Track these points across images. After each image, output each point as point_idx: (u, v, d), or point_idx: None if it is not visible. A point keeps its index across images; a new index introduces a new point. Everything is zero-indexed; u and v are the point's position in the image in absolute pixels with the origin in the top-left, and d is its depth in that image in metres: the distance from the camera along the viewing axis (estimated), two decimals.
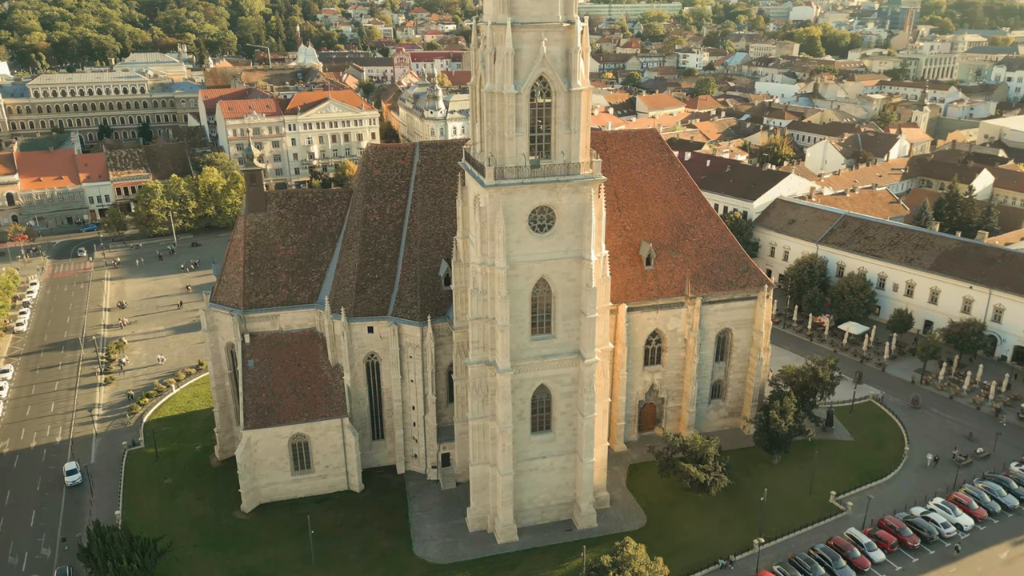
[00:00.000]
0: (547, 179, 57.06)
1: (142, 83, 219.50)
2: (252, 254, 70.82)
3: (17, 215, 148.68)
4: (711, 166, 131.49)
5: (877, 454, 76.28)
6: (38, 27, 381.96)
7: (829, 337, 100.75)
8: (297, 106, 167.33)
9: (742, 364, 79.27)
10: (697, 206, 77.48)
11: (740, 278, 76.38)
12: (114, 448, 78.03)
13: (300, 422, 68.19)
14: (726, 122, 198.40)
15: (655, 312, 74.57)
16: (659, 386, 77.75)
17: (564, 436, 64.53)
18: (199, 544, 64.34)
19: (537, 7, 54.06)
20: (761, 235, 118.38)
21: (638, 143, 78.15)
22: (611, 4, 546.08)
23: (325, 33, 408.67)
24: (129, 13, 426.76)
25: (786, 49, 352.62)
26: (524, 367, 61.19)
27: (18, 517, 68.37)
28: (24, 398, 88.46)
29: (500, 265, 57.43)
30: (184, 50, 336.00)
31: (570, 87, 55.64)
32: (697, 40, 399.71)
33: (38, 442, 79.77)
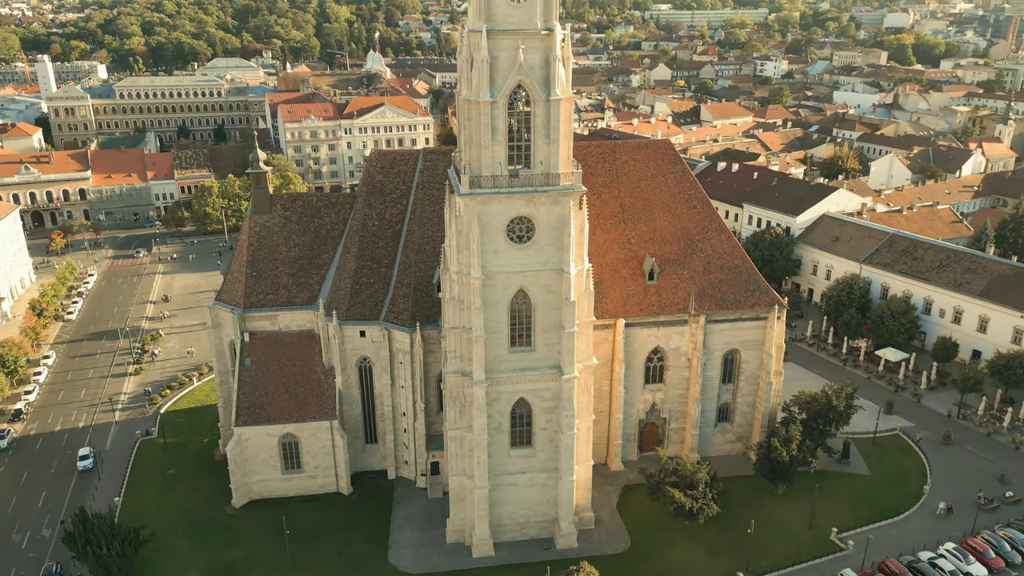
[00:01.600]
0: (524, 189, 55.97)
1: (218, 87, 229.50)
2: (255, 255, 72.49)
3: (88, 209, 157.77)
4: (758, 179, 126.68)
5: (894, 491, 71.26)
6: (139, 32, 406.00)
7: (864, 363, 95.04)
8: (353, 111, 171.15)
9: (751, 387, 75.64)
10: (708, 221, 74.52)
11: (749, 297, 72.94)
12: (129, 437, 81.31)
13: (290, 422, 69.24)
14: (792, 133, 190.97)
15: (656, 329, 72.05)
16: (661, 406, 75.06)
17: (545, 452, 63.07)
18: (186, 535, 66.19)
19: (515, 14, 53.11)
20: (803, 252, 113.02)
21: (649, 154, 75.86)
22: (694, 11, 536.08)
23: (404, 39, 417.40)
24: (224, 20, 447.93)
25: (872, 57, 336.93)
26: (502, 380, 60.16)
27: (29, 497, 72.07)
28: (59, 383, 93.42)
29: (475, 275, 56.67)
30: (268, 55, 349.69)
31: (549, 96, 54.38)
32: (779, 48, 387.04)
33: (62, 426, 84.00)
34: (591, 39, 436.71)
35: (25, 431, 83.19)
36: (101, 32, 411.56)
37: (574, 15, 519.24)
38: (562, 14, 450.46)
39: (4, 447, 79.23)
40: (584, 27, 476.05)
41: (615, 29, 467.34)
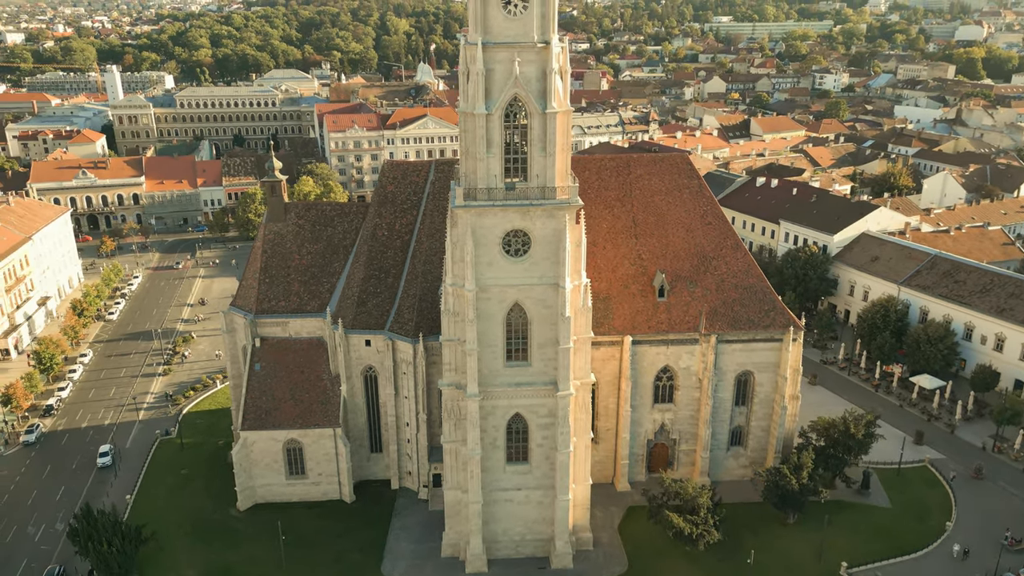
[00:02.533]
0: (518, 202, 55.47)
1: (273, 97, 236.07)
2: (268, 262, 73.82)
3: (140, 214, 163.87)
4: (797, 195, 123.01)
5: (914, 526, 67.70)
6: (207, 44, 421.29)
7: (898, 389, 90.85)
8: (396, 121, 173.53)
9: (765, 411, 73.07)
10: (723, 237, 72.54)
11: (764, 318, 70.56)
12: (150, 436, 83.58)
13: (294, 428, 70.04)
14: (844, 148, 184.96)
15: (665, 347, 70.35)
16: (670, 426, 73.15)
17: (541, 469, 62.12)
18: (189, 535, 67.52)
19: (511, 27, 52.86)
20: (840, 272, 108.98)
21: (665, 168, 74.42)
22: (755, 23, 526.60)
23: None
24: (288, 33, 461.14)
25: (939, 71, 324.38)
26: (497, 394, 59.59)
27: (48, 491, 74.69)
28: (92, 381, 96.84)
29: (469, 287, 56.37)
30: (327, 67, 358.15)
31: (545, 108, 53.84)
32: (841, 60, 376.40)
33: (89, 423, 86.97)
34: (647, 51, 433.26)
35: (54, 426, 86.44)
36: (172, 44, 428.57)
37: (632, 27, 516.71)
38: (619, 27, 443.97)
39: (32, 441, 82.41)
40: (641, 39, 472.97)
41: (672, 41, 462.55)
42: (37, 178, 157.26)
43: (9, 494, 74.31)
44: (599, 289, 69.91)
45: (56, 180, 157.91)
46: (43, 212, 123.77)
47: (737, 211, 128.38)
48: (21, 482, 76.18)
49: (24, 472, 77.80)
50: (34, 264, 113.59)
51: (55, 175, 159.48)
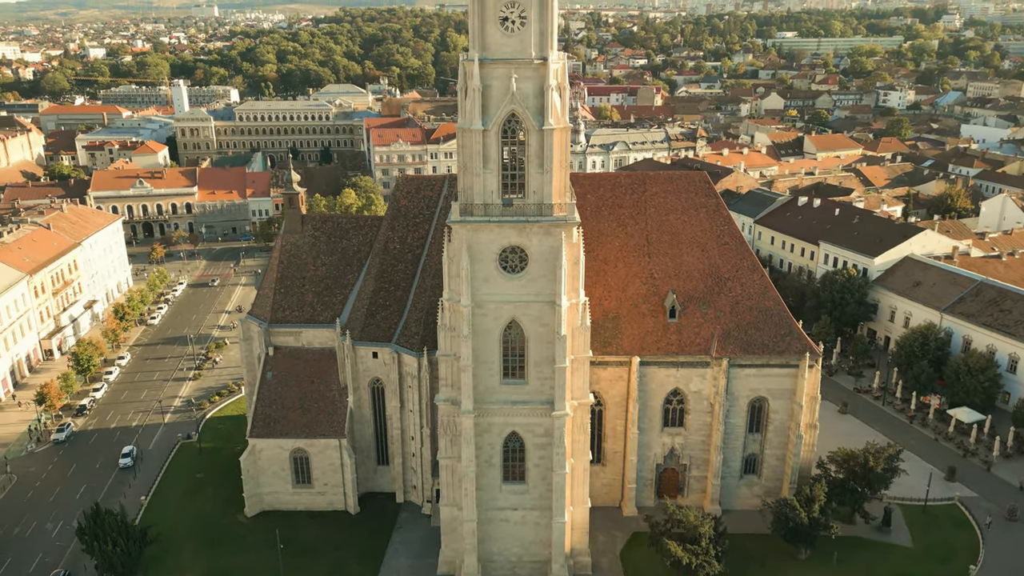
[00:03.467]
0: (514, 219, 55.05)
1: (327, 111, 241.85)
2: (284, 272, 75.14)
3: (192, 222, 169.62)
4: (839, 215, 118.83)
5: (935, 569, 63.98)
6: (273, 60, 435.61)
7: (934, 422, 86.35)
8: (440, 136, 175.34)
9: (780, 439, 70.31)
10: (740, 258, 70.44)
11: (779, 342, 68.09)
12: (172, 439, 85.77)
13: (301, 437, 70.84)
14: (901, 167, 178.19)
15: (675, 369, 68.55)
16: (680, 451, 71.11)
17: (538, 490, 61.15)
18: (195, 538, 68.83)
19: (509, 44, 52.65)
20: (881, 296, 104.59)
21: (682, 186, 72.85)
22: (820, 39, 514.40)
23: None
24: (351, 49, 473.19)
25: (1012, 89, 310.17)
26: (492, 411, 59.05)
27: (70, 489, 77.31)
28: (126, 384, 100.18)
29: (464, 303, 56.13)
30: (385, 82, 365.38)
31: (542, 125, 53.35)
32: (909, 77, 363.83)
33: (118, 424, 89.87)
34: (705, 67, 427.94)
35: (85, 426, 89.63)
36: (240, 60, 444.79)
37: (691, 43, 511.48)
38: (679, 42, 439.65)
39: (62, 440, 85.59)
40: (700, 55, 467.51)
41: (733, 57, 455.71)
42: (97, 186, 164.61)
43: (34, 490, 77.24)
44: (608, 308, 68.84)
45: (114, 189, 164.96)
46: (95, 219, 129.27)
47: (776, 231, 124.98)
48: (46, 479, 79.13)
49: (51, 470, 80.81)
50: (83, 269, 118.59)
51: (114, 184, 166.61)
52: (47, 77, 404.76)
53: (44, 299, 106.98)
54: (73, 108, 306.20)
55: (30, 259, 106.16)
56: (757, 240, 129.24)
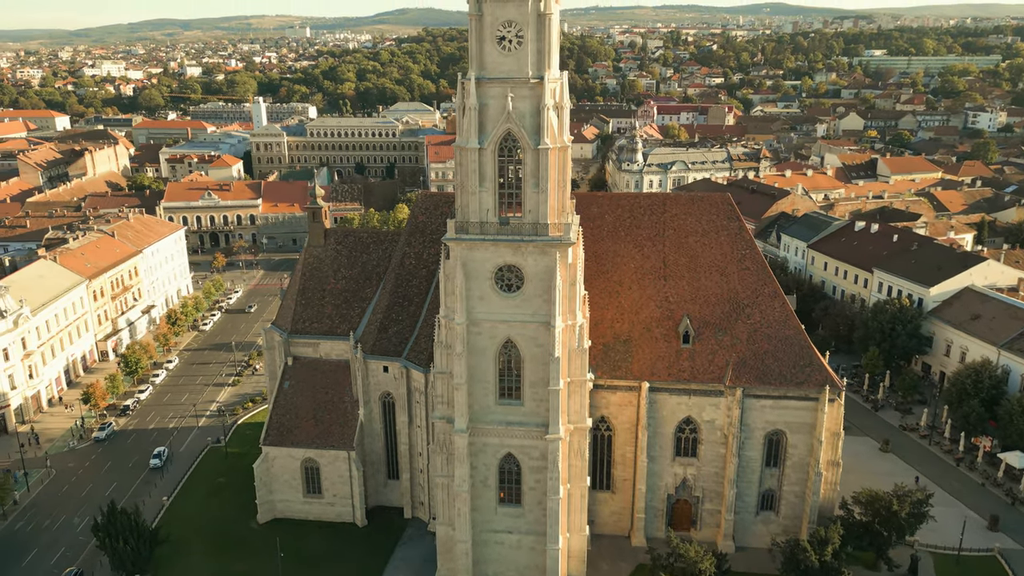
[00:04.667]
0: (509, 237, 54.62)
1: (394, 128, 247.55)
2: (305, 284, 76.80)
3: (255, 233, 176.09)
4: (897, 241, 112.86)
5: None
6: (353, 78, 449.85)
7: (983, 465, 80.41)
8: None
9: (799, 476, 66.80)
10: (760, 284, 67.69)
11: (797, 373, 64.88)
12: (202, 442, 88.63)
13: (312, 447, 71.92)
14: (980, 192, 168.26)
15: (687, 397, 66.24)
16: (693, 482, 68.52)
17: (534, 514, 60.12)
18: (206, 541, 70.59)
19: (506, 63, 52.59)
20: (936, 329, 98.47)
21: (703, 208, 70.69)
22: (910, 57, 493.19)
23: (589, 86, 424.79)
24: (428, 68, 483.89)
25: None
26: (487, 431, 58.54)
27: (101, 486, 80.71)
28: (170, 387, 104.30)
29: (458, 320, 55.98)
30: None
31: (537, 144, 52.90)
32: (1004, 98, 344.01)
33: (156, 426, 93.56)
34: (784, 86, 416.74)
35: (126, 426, 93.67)
36: (322, 78, 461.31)
37: (772, 61, 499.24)
38: (759, 60, 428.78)
39: (102, 438, 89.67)
40: (780, 74, 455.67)
41: (815, 76, 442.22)
42: (170, 197, 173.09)
43: (69, 485, 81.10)
44: (620, 331, 67.33)
45: (185, 200, 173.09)
46: (158, 228, 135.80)
47: (830, 256, 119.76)
48: (82, 475, 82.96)
49: (87, 466, 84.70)
50: (143, 275, 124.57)
51: (185, 195, 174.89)
52: (144, 93, 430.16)
53: (102, 303, 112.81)
54: (162, 123, 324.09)
55: (92, 264, 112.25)
56: (810, 265, 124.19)
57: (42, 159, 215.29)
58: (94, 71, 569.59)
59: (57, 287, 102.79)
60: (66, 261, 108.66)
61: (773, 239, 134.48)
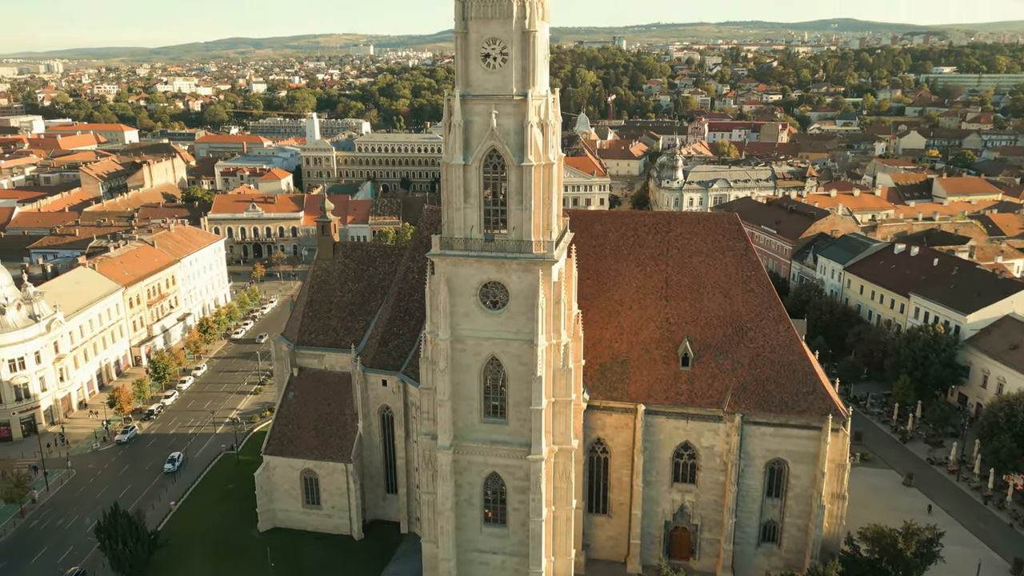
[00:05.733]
0: (493, 254, 54.29)
1: (438, 143, 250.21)
2: (313, 296, 77.91)
3: (296, 245, 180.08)
4: (938, 265, 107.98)
5: None
6: (408, 95, 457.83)
7: (1013, 505, 75.71)
8: None
9: (802, 508, 64.06)
10: (765, 307, 65.52)
11: (800, 401, 62.40)
12: (217, 449, 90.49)
13: (311, 458, 72.58)
14: None
15: (684, 421, 64.42)
16: (692, 510, 66.44)
17: (518, 535, 59.22)
18: (206, 547, 71.78)
19: (490, 80, 52.54)
20: (973, 358, 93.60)
21: (709, 228, 68.95)
22: (981, 75, 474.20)
23: (643, 103, 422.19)
24: None
25: None
26: (471, 449, 58.08)
27: (116, 488, 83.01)
28: (196, 393, 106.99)
29: (442, 336, 55.85)
30: None
31: (521, 161, 52.58)
32: None
33: (177, 431, 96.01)
34: (844, 103, 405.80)
35: (148, 430, 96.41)
36: (379, 94, 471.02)
37: (834, 78, 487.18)
38: (821, 77, 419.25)
39: (124, 441, 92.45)
40: (841, 91, 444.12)
41: (878, 93, 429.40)
42: (217, 209, 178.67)
43: (86, 486, 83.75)
44: (618, 351, 66.08)
45: (230, 212, 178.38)
46: (198, 239, 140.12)
47: (866, 279, 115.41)
48: (100, 477, 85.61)
49: (106, 468, 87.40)
50: (180, 284, 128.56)
51: (231, 207, 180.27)
52: (209, 109, 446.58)
53: (138, 310, 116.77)
54: (222, 137, 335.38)
55: (129, 272, 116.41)
56: (846, 288, 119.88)
57: (103, 171, 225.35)
58: (166, 87, 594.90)
59: (93, 293, 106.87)
60: (104, 269, 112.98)
61: (810, 260, 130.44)
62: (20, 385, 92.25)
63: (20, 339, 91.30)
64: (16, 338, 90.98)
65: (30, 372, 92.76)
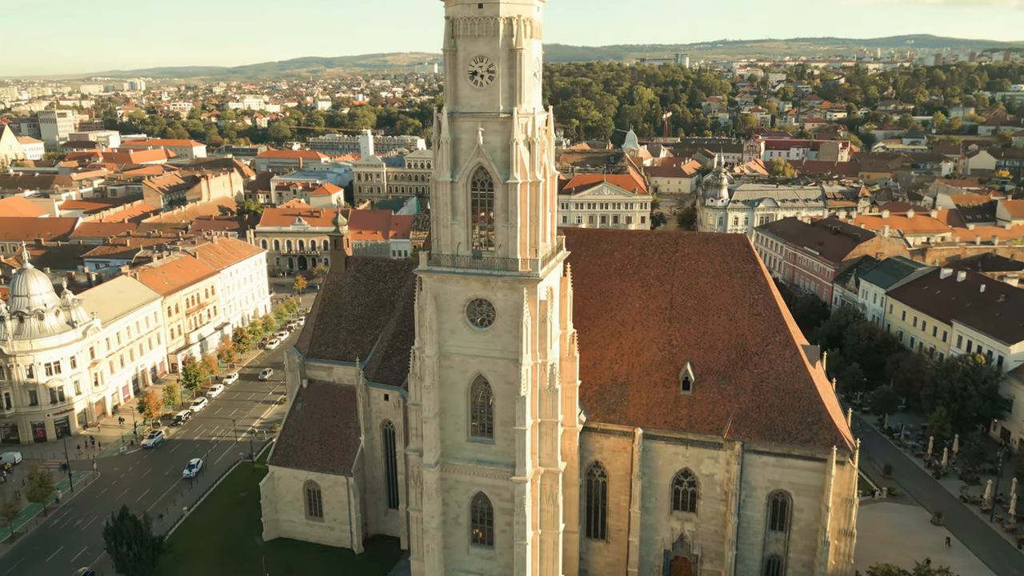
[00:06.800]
0: (479, 271, 53.98)
1: None
2: (324, 309, 78.91)
3: None
4: (985, 292, 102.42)
5: None
6: None
7: None
8: (573, 186, 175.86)
9: (807, 543, 61.10)
10: (771, 331, 63.14)
11: (804, 430, 59.70)
12: (235, 456, 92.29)
13: (313, 470, 73.19)
14: None
15: (684, 447, 62.45)
16: (692, 539, 64.20)
17: (505, 557, 58.31)
18: (210, 554, 72.99)
19: (477, 98, 52.59)
20: (1017, 391, 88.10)
21: (717, 249, 67.06)
22: None
23: (700, 120, 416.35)
24: None
25: None
26: (458, 468, 57.61)
27: (137, 491, 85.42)
28: (223, 401, 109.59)
29: (428, 352, 55.74)
30: (561, 134, 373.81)
31: (507, 179, 52.23)
32: None
33: (200, 437, 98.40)
34: (912, 121, 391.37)
35: (174, 435, 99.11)
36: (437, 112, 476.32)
37: (903, 95, 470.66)
38: (890, 94, 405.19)
39: (150, 446, 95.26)
40: (910, 108, 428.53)
41: (949, 111, 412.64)
42: (265, 222, 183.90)
43: (109, 488, 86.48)
44: (618, 373, 64.70)
45: (277, 225, 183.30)
46: (240, 251, 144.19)
47: (908, 305, 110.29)
48: (123, 479, 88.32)
49: (130, 471, 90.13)
50: (219, 294, 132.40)
51: (278, 220, 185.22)
52: (274, 126, 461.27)
53: (176, 318, 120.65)
54: (281, 153, 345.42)
55: (169, 282, 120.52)
56: (888, 314, 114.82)
57: (165, 184, 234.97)
58: (237, 105, 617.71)
59: (132, 301, 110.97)
60: (145, 278, 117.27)
61: (852, 284, 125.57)
62: (55, 388, 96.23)
63: (56, 344, 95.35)
64: (53, 343, 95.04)
65: (65, 376, 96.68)
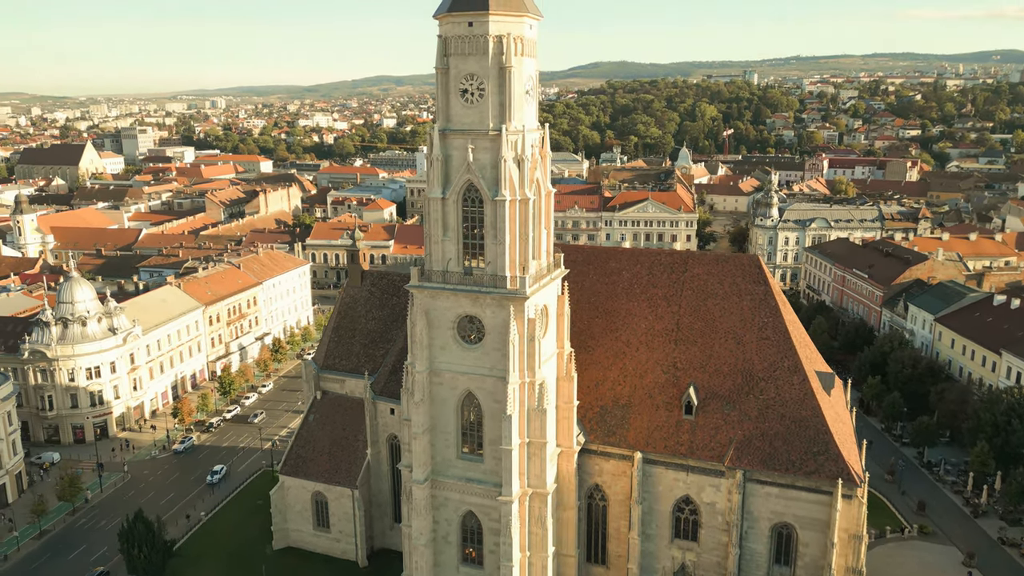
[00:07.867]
0: (467, 288, 53.83)
1: None
2: (340, 322, 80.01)
3: None
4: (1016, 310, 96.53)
5: None
6: None
7: None
8: (617, 204, 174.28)
9: None
10: (780, 356, 60.77)
11: (809, 461, 57.04)
12: (259, 464, 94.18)
13: (321, 481, 73.96)
14: None
15: (684, 474, 60.53)
16: (693, 569, 62.02)
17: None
18: (220, 560, 74.44)
19: (468, 115, 52.69)
20: None
21: (727, 269, 65.15)
22: None
23: (763, 137, 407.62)
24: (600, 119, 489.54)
25: None
26: (448, 486, 57.36)
27: (161, 495, 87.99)
28: (257, 408, 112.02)
29: (418, 368, 55.85)
30: (618, 151, 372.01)
31: (495, 196, 52.02)
32: None
33: (229, 444, 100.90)
34: (990, 140, 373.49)
35: (205, 441, 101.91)
36: None
37: (983, 113, 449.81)
38: (969, 111, 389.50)
39: (180, 451, 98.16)
40: (989, 126, 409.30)
41: None
42: (314, 236, 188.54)
43: (136, 491, 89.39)
44: (620, 394, 63.35)
45: (326, 238, 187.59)
46: (284, 263, 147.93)
47: (957, 332, 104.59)
48: (151, 483, 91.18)
49: (159, 475, 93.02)
50: (261, 305, 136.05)
51: (328, 234, 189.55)
52: (339, 142, 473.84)
53: (217, 327, 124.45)
54: (342, 168, 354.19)
55: (212, 292, 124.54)
56: (936, 341, 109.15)
57: (227, 197, 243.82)
58: (307, 122, 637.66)
59: (173, 310, 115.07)
60: (189, 288, 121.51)
61: (900, 309, 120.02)
62: (95, 392, 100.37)
63: (97, 349, 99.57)
64: (94, 348, 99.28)
65: (105, 380, 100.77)
